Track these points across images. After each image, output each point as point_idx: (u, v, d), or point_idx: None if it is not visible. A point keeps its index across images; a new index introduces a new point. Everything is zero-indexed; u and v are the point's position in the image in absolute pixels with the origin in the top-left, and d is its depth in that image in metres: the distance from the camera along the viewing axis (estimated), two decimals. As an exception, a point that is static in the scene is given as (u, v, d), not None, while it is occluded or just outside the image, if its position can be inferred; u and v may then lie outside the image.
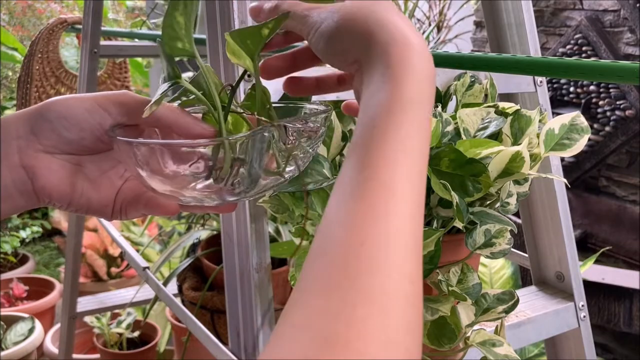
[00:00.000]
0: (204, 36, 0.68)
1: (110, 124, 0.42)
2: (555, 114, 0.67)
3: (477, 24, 2.68)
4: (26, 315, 1.97)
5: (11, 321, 1.93)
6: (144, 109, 0.39)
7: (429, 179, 0.55)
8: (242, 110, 0.44)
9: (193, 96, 0.42)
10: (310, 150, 0.45)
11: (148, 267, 1.07)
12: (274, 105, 0.44)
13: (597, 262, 1.68)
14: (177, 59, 0.43)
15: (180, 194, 0.42)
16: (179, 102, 0.43)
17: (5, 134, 0.41)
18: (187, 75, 0.73)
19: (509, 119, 0.62)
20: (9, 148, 0.41)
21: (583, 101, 2.22)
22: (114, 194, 0.45)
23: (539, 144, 0.60)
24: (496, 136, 0.61)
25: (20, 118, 0.42)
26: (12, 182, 0.41)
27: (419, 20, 2.92)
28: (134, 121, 0.43)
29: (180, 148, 0.40)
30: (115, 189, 0.45)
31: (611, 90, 2.14)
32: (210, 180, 0.41)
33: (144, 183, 0.42)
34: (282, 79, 0.47)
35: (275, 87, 0.62)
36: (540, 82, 0.80)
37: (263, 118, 0.43)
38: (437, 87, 0.70)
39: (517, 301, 0.59)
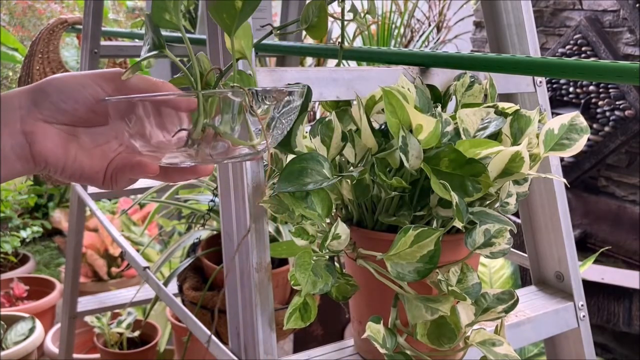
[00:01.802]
0: (204, 36, 0.68)
1: (102, 97, 0.47)
2: (554, 114, 0.67)
3: (477, 24, 2.68)
4: (26, 315, 1.97)
5: (11, 321, 1.93)
6: (131, 80, 0.45)
7: (429, 179, 0.55)
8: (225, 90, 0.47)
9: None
10: (284, 122, 0.48)
11: (148, 267, 1.07)
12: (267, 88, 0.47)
13: (596, 262, 1.68)
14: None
15: (162, 154, 0.46)
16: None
17: (9, 104, 0.47)
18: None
19: (509, 119, 0.62)
20: (12, 116, 0.46)
21: (582, 101, 2.22)
22: (106, 163, 0.50)
23: (538, 144, 0.60)
24: (496, 136, 0.61)
25: (23, 92, 0.47)
26: (11, 147, 0.46)
27: (418, 20, 2.92)
28: (123, 94, 0.48)
29: (155, 99, 0.44)
30: (107, 160, 0.50)
31: (610, 90, 2.14)
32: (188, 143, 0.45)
33: (129, 143, 0.46)
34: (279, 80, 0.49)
35: (270, 79, 0.62)
36: (540, 82, 0.80)
37: (236, 84, 0.46)
38: (437, 87, 0.70)
39: (517, 301, 0.59)
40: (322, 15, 0.59)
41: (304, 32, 0.97)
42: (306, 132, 0.65)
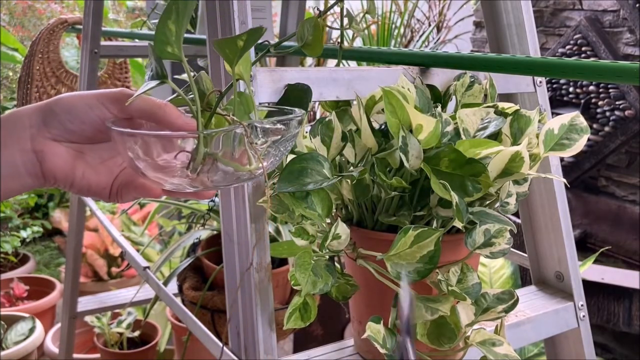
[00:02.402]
0: (204, 36, 0.68)
1: (108, 118, 0.49)
2: (554, 114, 0.67)
3: (477, 24, 2.68)
4: (27, 315, 1.97)
5: (12, 321, 1.93)
6: (135, 101, 0.47)
7: (429, 179, 0.55)
8: (225, 113, 0.49)
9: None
10: (282, 149, 0.50)
11: (148, 267, 1.07)
12: (267, 107, 0.50)
13: (596, 261, 1.68)
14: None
15: (165, 180, 0.48)
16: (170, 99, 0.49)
17: (20, 123, 0.48)
18: (184, 76, 0.73)
19: (509, 119, 0.62)
20: (23, 135, 0.48)
21: (582, 101, 2.22)
22: (112, 179, 0.52)
23: (538, 144, 0.60)
24: (496, 136, 0.61)
25: (34, 110, 0.49)
26: (22, 164, 0.48)
27: (418, 20, 2.92)
28: (127, 115, 0.50)
29: (154, 138, 0.47)
30: (113, 176, 0.52)
31: (610, 90, 2.14)
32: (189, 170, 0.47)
33: (133, 167, 0.48)
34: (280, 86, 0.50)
35: (273, 89, 0.62)
36: (540, 82, 0.80)
37: (235, 117, 0.48)
38: (437, 87, 0.70)
39: (517, 301, 0.59)
40: (317, 33, 0.60)
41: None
42: (306, 132, 0.65)
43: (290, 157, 0.60)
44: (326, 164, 0.58)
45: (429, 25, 2.85)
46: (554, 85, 2.32)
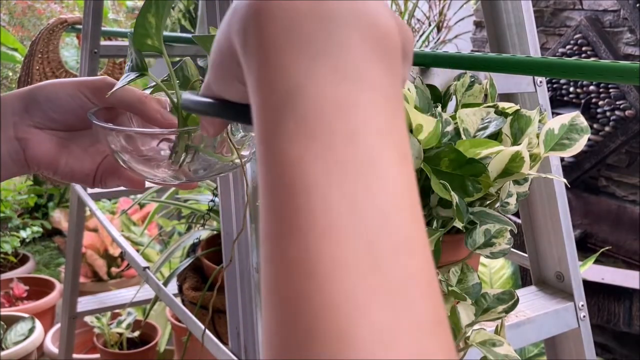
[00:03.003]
0: (204, 36, 0.68)
1: (90, 108, 0.49)
2: (555, 114, 0.67)
3: (477, 24, 2.68)
4: (26, 315, 1.97)
5: (11, 321, 1.93)
6: (115, 93, 0.47)
7: (429, 179, 0.55)
8: None
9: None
10: None
11: (148, 267, 1.07)
12: None
13: (596, 262, 1.68)
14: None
15: (147, 172, 0.48)
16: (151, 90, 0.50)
17: (3, 110, 0.48)
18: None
19: (509, 119, 0.62)
20: (6, 122, 0.48)
21: (583, 101, 2.22)
22: (95, 166, 0.52)
23: (538, 144, 0.60)
24: (496, 136, 0.61)
25: (17, 97, 0.49)
26: (7, 152, 0.48)
27: (419, 20, 2.92)
28: (109, 105, 0.50)
29: (134, 134, 0.47)
30: (96, 163, 0.52)
31: (611, 90, 2.14)
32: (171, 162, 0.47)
33: (116, 159, 0.48)
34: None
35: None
36: (540, 82, 0.80)
37: None
38: (437, 87, 0.70)
39: (517, 301, 0.59)
40: None
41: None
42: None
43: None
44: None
45: (429, 25, 2.85)
46: (555, 85, 2.32)
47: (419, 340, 0.20)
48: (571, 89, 2.24)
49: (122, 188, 0.55)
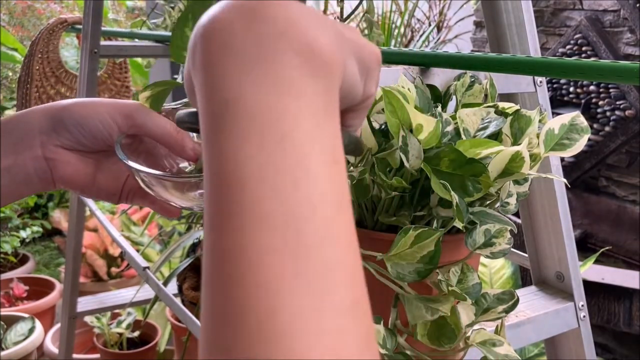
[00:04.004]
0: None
1: (119, 134, 0.50)
2: (555, 114, 0.67)
3: (477, 24, 2.68)
4: (26, 315, 1.97)
5: (11, 321, 1.93)
6: (148, 124, 0.48)
7: (429, 179, 0.55)
8: None
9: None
10: None
11: (148, 267, 1.07)
12: None
13: (596, 262, 1.68)
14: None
15: (174, 201, 0.49)
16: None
17: (30, 128, 0.48)
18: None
19: (509, 119, 0.62)
20: (33, 140, 0.48)
21: (583, 101, 2.22)
22: (121, 185, 0.53)
23: (538, 144, 0.60)
24: (496, 136, 0.61)
25: (44, 115, 0.49)
26: (34, 170, 0.48)
27: (419, 20, 2.92)
28: (139, 133, 0.50)
29: (157, 178, 0.47)
30: (121, 181, 0.53)
31: (611, 90, 2.14)
32: (195, 193, 0.47)
33: (146, 189, 0.48)
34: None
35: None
36: (540, 82, 0.80)
37: None
38: (437, 87, 0.70)
39: (517, 301, 0.59)
40: None
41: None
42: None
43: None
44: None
45: (429, 25, 2.86)
46: (555, 85, 2.32)
47: (336, 319, 0.23)
48: (571, 89, 2.24)
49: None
